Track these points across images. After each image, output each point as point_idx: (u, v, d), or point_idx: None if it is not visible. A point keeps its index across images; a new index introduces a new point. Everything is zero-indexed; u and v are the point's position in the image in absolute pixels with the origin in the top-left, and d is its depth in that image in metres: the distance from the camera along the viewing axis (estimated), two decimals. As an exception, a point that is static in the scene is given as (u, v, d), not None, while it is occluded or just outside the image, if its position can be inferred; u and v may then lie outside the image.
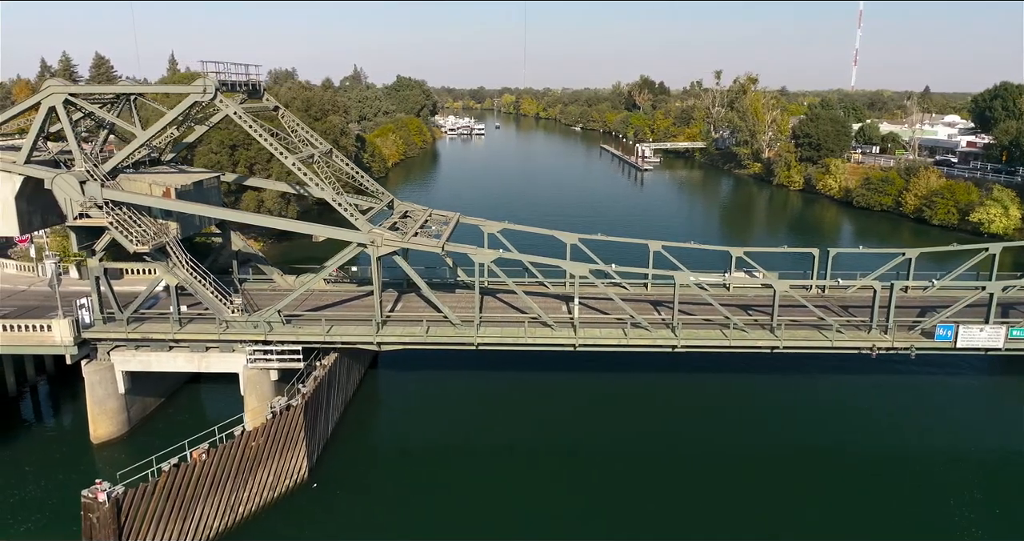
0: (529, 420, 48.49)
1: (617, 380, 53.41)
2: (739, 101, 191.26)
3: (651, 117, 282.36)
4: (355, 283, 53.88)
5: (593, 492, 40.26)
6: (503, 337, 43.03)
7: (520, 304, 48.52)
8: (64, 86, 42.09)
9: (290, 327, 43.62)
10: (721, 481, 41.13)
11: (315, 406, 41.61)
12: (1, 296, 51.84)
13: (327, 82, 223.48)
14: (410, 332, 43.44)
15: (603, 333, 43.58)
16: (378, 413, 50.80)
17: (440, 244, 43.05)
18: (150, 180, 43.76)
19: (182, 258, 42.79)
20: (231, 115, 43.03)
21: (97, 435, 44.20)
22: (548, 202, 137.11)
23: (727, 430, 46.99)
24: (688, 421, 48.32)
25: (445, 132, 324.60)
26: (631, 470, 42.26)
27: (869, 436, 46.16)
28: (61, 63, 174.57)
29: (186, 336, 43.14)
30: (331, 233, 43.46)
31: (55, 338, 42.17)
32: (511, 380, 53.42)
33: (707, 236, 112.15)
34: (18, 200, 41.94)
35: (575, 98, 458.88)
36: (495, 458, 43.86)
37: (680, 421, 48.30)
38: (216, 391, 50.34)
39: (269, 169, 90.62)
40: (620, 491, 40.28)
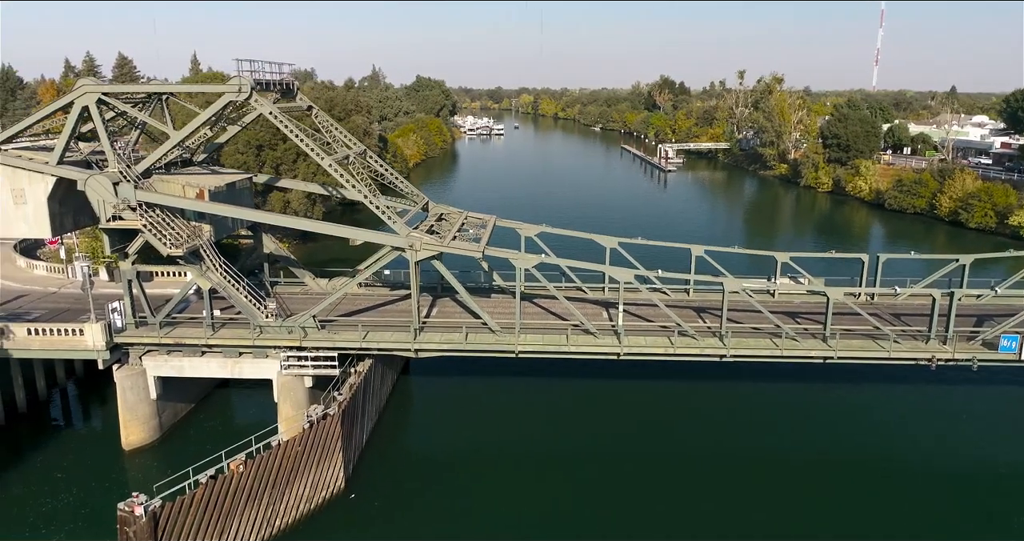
0: (567, 428, 47.07)
1: (657, 388, 51.74)
2: (764, 101, 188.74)
3: (672, 117, 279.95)
4: (388, 287, 52.72)
5: (633, 502, 38.83)
6: (545, 345, 41.63)
7: (559, 310, 47.14)
8: (97, 85, 41.19)
9: (325, 333, 42.47)
10: (771, 495, 39.49)
11: (351, 415, 40.44)
12: (32, 298, 51.22)
13: (349, 82, 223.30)
14: (448, 339, 42.14)
15: (648, 341, 42.02)
16: (412, 420, 49.55)
17: (480, 248, 41.70)
18: (183, 181, 42.78)
19: (216, 261, 41.77)
20: (266, 115, 41.92)
21: (129, 441, 43.30)
22: (573, 203, 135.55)
23: (775, 442, 45.32)
24: (733, 432, 46.66)
25: (464, 132, 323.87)
26: (674, 481, 40.75)
27: (926, 451, 44.29)
28: (85, 63, 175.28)
29: (219, 341, 42.11)
30: (370, 237, 42.24)
31: (87, 343, 41.31)
32: (547, 386, 52.00)
33: (737, 239, 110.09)
34: (50, 201, 41.13)
35: (594, 98, 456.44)
36: (533, 467, 42.50)
37: (725, 432, 46.64)
38: (247, 396, 49.36)
39: (295, 170, 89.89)
40: (662, 502, 38.83)
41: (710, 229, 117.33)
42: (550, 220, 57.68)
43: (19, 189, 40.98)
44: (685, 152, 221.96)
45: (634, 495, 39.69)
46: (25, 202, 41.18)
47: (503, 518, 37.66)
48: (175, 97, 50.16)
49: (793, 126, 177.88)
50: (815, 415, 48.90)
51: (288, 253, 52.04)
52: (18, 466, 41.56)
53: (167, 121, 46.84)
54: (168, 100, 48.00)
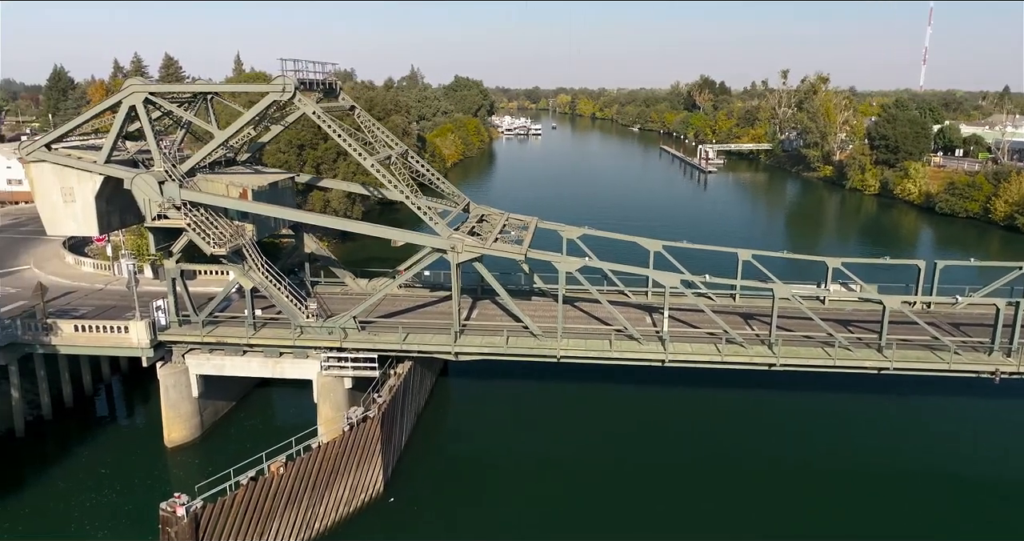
0: (607, 434, 46.14)
1: (702, 396, 50.38)
2: (808, 101, 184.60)
3: (712, 118, 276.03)
4: (427, 288, 52.31)
5: (675, 512, 37.90)
6: (587, 350, 40.74)
7: (601, 314, 46.19)
8: (144, 85, 41.50)
9: (365, 334, 42.19)
10: (823, 510, 38.07)
11: (391, 417, 40.07)
12: (79, 295, 52.03)
13: (389, 82, 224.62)
14: (489, 342, 41.50)
15: (694, 348, 40.86)
16: (451, 423, 49.06)
17: (522, 251, 40.98)
18: (227, 181, 42.89)
19: (258, 261, 41.78)
20: (309, 114, 41.81)
21: (171, 439, 43.60)
22: (611, 204, 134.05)
23: (826, 455, 43.79)
24: (782, 444, 45.23)
25: (502, 132, 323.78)
26: (719, 491, 39.56)
27: (990, 468, 42.34)
28: (133, 64, 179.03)
29: (260, 341, 42.12)
30: (411, 238, 41.84)
31: (132, 340, 41.68)
32: (588, 391, 51.10)
33: (781, 242, 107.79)
34: (98, 200, 41.56)
35: (632, 98, 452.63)
36: (572, 472, 41.74)
37: (773, 443, 45.24)
38: (286, 395, 49.39)
39: (335, 169, 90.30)
40: (706, 512, 37.72)
41: (752, 232, 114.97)
42: (589, 221, 56.81)
43: (68, 188, 41.52)
44: (726, 153, 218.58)
45: (676, 504, 38.67)
46: (74, 200, 41.69)
47: (542, 524, 36.99)
48: (220, 97, 50.46)
49: (839, 127, 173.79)
50: (868, 427, 47.18)
51: (329, 253, 52.00)
52: (65, 461, 42.15)
53: (212, 121, 47.10)
54: (213, 100, 48.27)
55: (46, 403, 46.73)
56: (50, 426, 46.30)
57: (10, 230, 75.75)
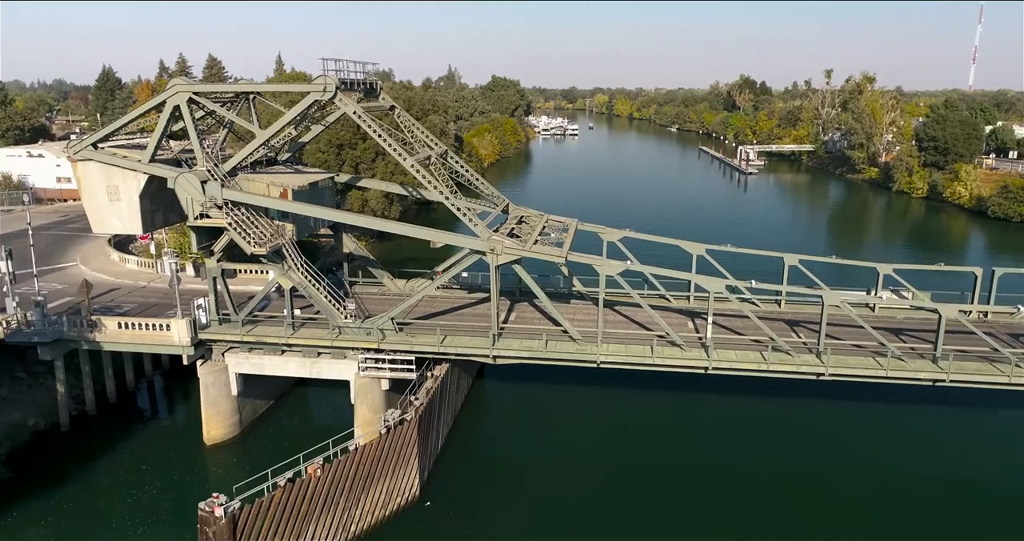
0: (647, 440, 45.22)
1: (745, 404, 49.06)
2: (854, 101, 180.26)
3: (753, 118, 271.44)
4: (465, 289, 51.88)
5: (715, 521, 36.77)
6: (628, 356, 39.85)
7: (642, 319, 45.27)
8: (189, 84, 41.81)
9: (403, 335, 41.91)
10: (872, 524, 36.64)
11: (427, 420, 39.71)
12: (123, 292, 52.79)
13: (427, 82, 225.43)
14: (528, 346, 40.88)
15: (738, 356, 39.69)
16: (487, 427, 48.53)
17: (563, 254, 40.28)
18: (268, 180, 42.99)
19: (297, 261, 41.79)
20: (350, 114, 41.66)
21: (210, 436, 43.88)
22: (649, 205, 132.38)
23: (876, 467, 42.19)
24: (828, 455, 43.74)
25: (539, 132, 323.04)
26: (762, 501, 38.38)
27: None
28: (178, 64, 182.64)
29: (299, 341, 42.12)
30: (451, 240, 41.46)
31: (173, 338, 42.02)
32: (626, 396, 50.07)
33: (823, 246, 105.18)
34: (142, 199, 41.99)
35: (670, 98, 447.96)
36: (611, 478, 41.00)
37: (818, 455, 43.78)
38: (324, 395, 49.44)
39: (373, 169, 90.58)
40: (748, 522, 36.52)
41: (794, 235, 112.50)
42: (627, 223, 55.68)
43: (114, 186, 42.03)
44: (767, 154, 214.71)
45: (715, 513, 37.65)
46: (119, 199, 42.20)
47: (578, 530, 36.33)
48: (261, 97, 50.67)
49: (885, 128, 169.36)
50: (921, 441, 45.41)
51: (367, 253, 51.91)
52: (108, 456, 42.71)
53: (253, 120, 47.27)
54: (255, 99, 48.46)
55: (90, 398, 47.48)
56: (94, 421, 47.00)
57: (59, 227, 77.49)
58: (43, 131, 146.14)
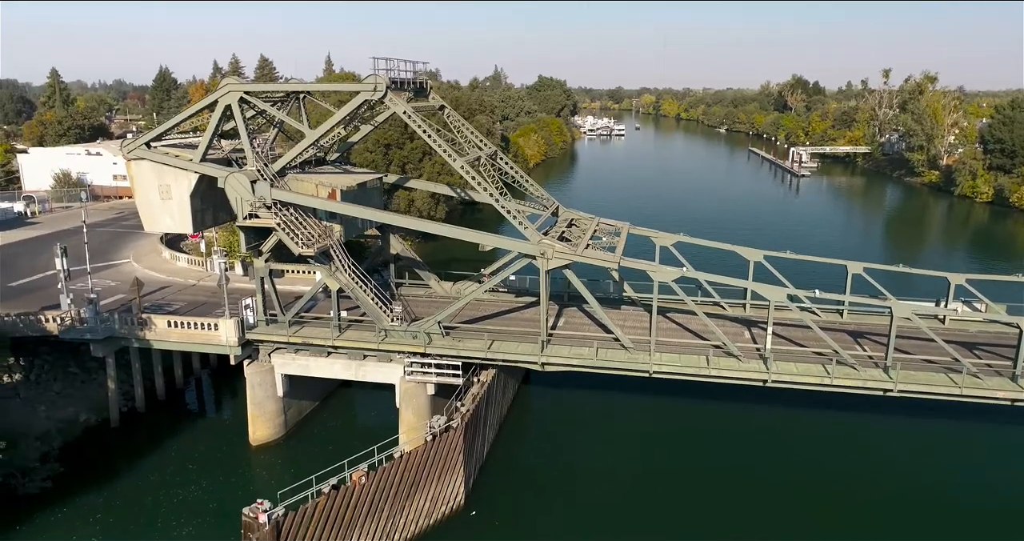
0: (698, 451, 43.63)
1: (804, 418, 46.67)
2: (913, 102, 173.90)
3: (805, 119, 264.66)
4: (512, 293, 50.85)
5: (766, 534, 34.95)
6: (683, 366, 38.29)
7: (695, 327, 43.60)
8: (240, 84, 41.71)
9: (450, 340, 41.10)
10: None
11: (473, 427, 38.81)
12: (173, 290, 53.25)
13: (474, 82, 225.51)
14: (578, 353, 39.65)
15: (799, 368, 37.78)
16: (533, 434, 47.38)
17: (616, 259, 38.95)
18: (316, 181, 42.65)
19: (345, 262, 41.32)
20: (400, 114, 41.02)
21: (255, 437, 43.77)
22: (698, 207, 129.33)
23: (946, 488, 39.85)
24: (893, 475, 41.42)
25: (584, 133, 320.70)
26: (817, 517, 36.40)
27: None
28: (231, 65, 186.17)
29: (345, 343, 41.66)
30: (501, 243, 40.48)
31: (221, 338, 41.98)
32: (676, 405, 48.27)
33: (880, 253, 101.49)
34: (193, 198, 42.04)
35: (719, 98, 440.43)
36: (661, 490, 39.65)
37: (884, 475, 41.48)
38: (369, 397, 48.97)
39: (420, 168, 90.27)
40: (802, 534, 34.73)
41: (849, 241, 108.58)
42: (675, 226, 53.80)
43: (165, 185, 42.17)
44: (820, 156, 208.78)
45: (769, 529, 35.80)
46: (170, 198, 42.33)
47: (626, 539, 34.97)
48: (311, 96, 50.50)
49: (947, 129, 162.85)
50: (997, 464, 42.68)
51: (414, 254, 51.32)
52: (156, 454, 42.93)
53: (303, 120, 47.08)
54: (305, 99, 48.25)
55: (140, 395, 47.90)
56: (143, 418, 47.41)
57: (114, 224, 79.06)
58: (102, 130, 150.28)
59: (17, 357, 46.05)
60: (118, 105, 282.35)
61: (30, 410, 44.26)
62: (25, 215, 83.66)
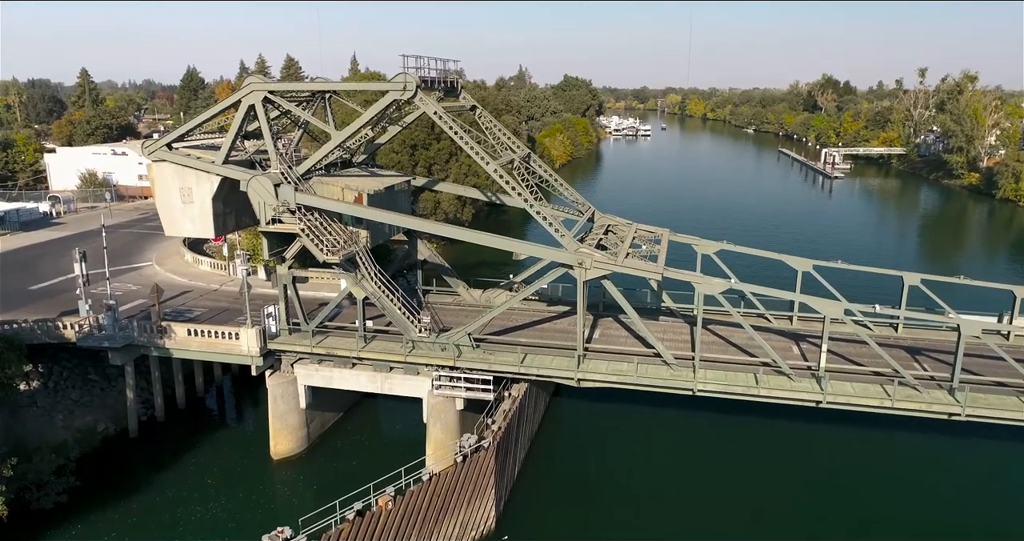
0: (740, 470, 41.19)
1: (857, 440, 43.62)
2: (952, 102, 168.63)
3: (836, 119, 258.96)
4: (544, 301, 48.62)
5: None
6: (729, 385, 35.81)
7: (739, 340, 41.13)
8: (264, 83, 39.99)
9: (480, 352, 39.01)
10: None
11: (505, 446, 36.70)
12: (195, 295, 51.82)
13: (500, 81, 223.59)
14: (616, 369, 37.33)
15: (856, 389, 35.10)
16: (565, 451, 45.02)
17: (659, 270, 36.56)
18: (342, 184, 40.80)
19: (371, 270, 39.42)
20: (431, 115, 39.01)
21: (277, 451, 42.08)
22: (730, 210, 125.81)
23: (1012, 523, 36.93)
24: (965, 506, 38.58)
25: (610, 133, 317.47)
26: None
27: None
28: (257, 65, 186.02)
29: (371, 355, 39.77)
30: (536, 252, 38.32)
31: (242, 347, 40.29)
32: (717, 421, 45.67)
33: (926, 261, 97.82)
34: (215, 201, 40.43)
35: (746, 98, 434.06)
36: (701, 510, 37.40)
37: (951, 504, 38.67)
38: (394, 409, 47.03)
39: (447, 169, 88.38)
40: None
41: (889, 247, 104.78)
42: (707, 229, 51.16)
43: (187, 188, 40.61)
44: (853, 157, 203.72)
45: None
46: (192, 201, 40.76)
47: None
48: (338, 96, 48.71)
49: (987, 130, 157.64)
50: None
51: (442, 260, 49.31)
52: (174, 466, 41.42)
53: (329, 120, 45.26)
54: (331, 99, 46.44)
55: (159, 404, 46.51)
56: (162, 427, 45.98)
57: (138, 225, 78.17)
58: (130, 129, 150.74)
59: (36, 364, 44.80)
60: (147, 105, 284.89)
61: (47, 419, 42.97)
62: (50, 215, 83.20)
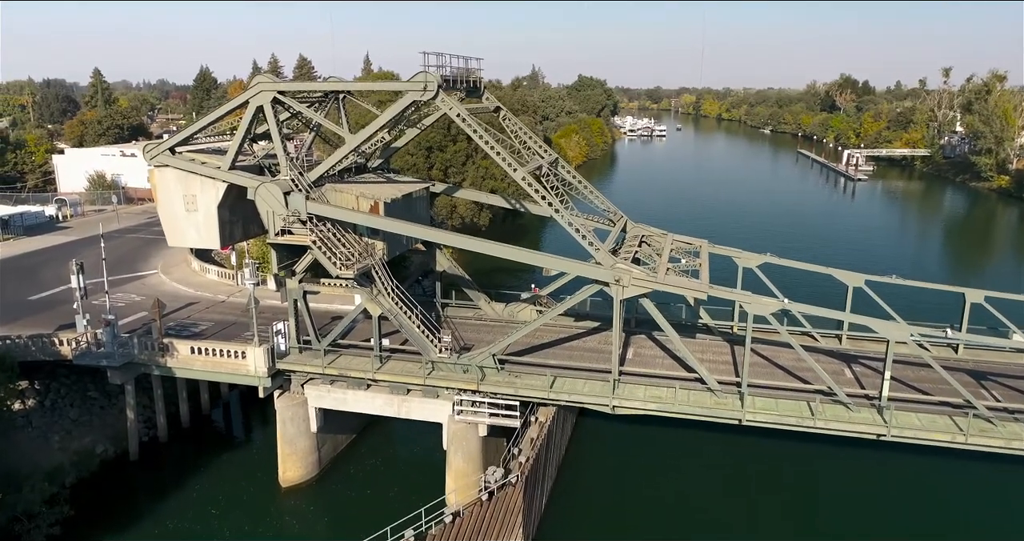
0: (789, 505, 37.91)
1: (922, 473, 40.02)
2: (980, 102, 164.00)
3: (856, 119, 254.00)
4: (571, 316, 45.45)
5: None
6: (781, 415, 32.54)
7: (785, 361, 37.89)
8: (273, 82, 37.09)
9: (506, 375, 35.97)
10: None
11: (533, 479, 33.65)
12: (200, 307, 49.13)
13: (516, 81, 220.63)
14: (655, 396, 34.17)
15: (924, 421, 31.76)
16: (595, 479, 41.79)
17: (705, 288, 33.35)
18: (357, 192, 37.85)
19: (388, 285, 36.47)
20: (453, 117, 36.02)
21: (286, 478, 39.21)
22: (755, 215, 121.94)
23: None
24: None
25: (624, 133, 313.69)
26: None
27: None
28: (270, 64, 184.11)
29: (387, 377, 36.81)
30: (568, 267, 35.14)
31: (249, 367, 37.45)
32: (761, 445, 42.14)
33: (970, 271, 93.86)
34: (220, 209, 37.62)
35: (762, 98, 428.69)
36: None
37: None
38: (410, 429, 43.68)
39: (464, 172, 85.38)
40: None
41: (932, 257, 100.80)
42: (733, 237, 47.58)
43: (191, 195, 37.83)
44: (875, 159, 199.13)
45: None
46: (196, 209, 37.99)
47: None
48: (352, 96, 45.79)
49: (1018, 131, 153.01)
50: None
51: (462, 272, 46.27)
52: (176, 494, 38.64)
53: (343, 123, 42.32)
54: (345, 100, 43.49)
55: (162, 424, 43.77)
56: (165, 449, 43.26)
57: (145, 230, 75.68)
58: (141, 129, 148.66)
59: (32, 381, 42.24)
60: (160, 104, 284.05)
61: (43, 441, 40.32)
62: (56, 219, 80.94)
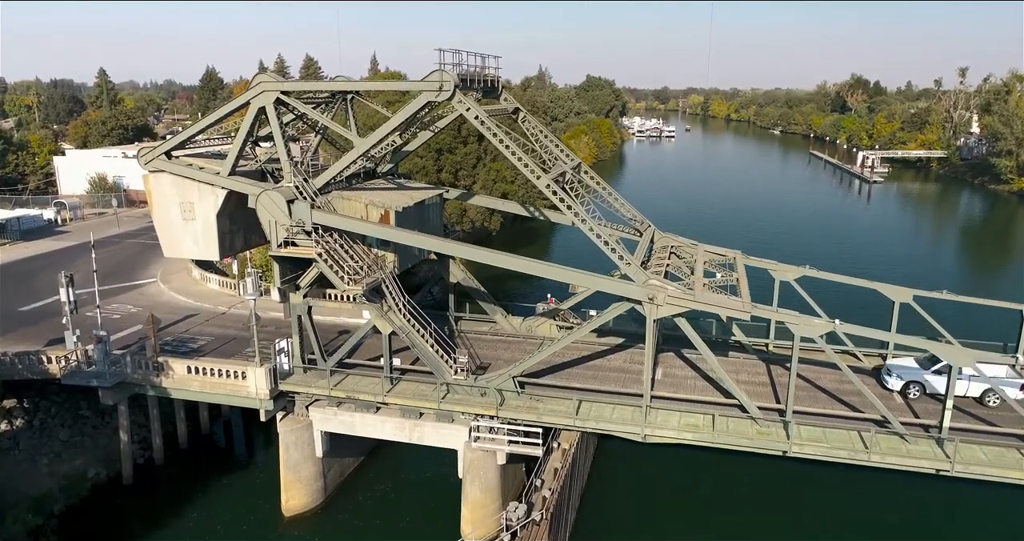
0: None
1: (986, 511, 37.28)
2: (999, 103, 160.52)
3: (869, 120, 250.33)
4: (593, 331, 42.51)
5: None
6: (831, 448, 29.63)
7: (827, 383, 35.04)
8: (276, 82, 34.33)
9: (527, 399, 33.22)
10: None
11: (558, 515, 30.84)
12: (200, 319, 46.47)
13: (526, 81, 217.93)
14: (690, 424, 31.35)
15: (991, 456, 28.86)
16: (619, 509, 38.80)
17: (747, 307, 30.52)
18: (366, 199, 35.16)
19: (399, 300, 33.76)
20: (471, 119, 33.28)
21: (289, 506, 36.53)
22: (772, 218, 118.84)
23: None
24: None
25: (633, 134, 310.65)
26: None
27: None
28: (276, 64, 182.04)
29: (398, 400, 34.08)
30: (599, 285, 32.25)
31: (249, 389, 34.77)
32: (802, 471, 39.00)
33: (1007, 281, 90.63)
34: (220, 218, 35.03)
35: (771, 99, 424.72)
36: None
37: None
38: (422, 452, 40.98)
39: (474, 175, 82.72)
40: None
41: (965, 266, 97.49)
42: (750, 243, 44.52)
43: (188, 203, 35.21)
44: (889, 160, 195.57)
45: None
46: (194, 218, 35.37)
47: None
48: (360, 97, 43.07)
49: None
50: None
51: (478, 284, 43.48)
52: (172, 522, 36.01)
53: (351, 125, 39.60)
54: (353, 100, 40.78)
55: (158, 445, 41.15)
56: (161, 472, 40.62)
57: (145, 234, 72.93)
58: (146, 130, 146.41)
59: (20, 399, 39.69)
60: (167, 105, 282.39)
61: (30, 464, 37.74)
62: (55, 223, 78.50)
